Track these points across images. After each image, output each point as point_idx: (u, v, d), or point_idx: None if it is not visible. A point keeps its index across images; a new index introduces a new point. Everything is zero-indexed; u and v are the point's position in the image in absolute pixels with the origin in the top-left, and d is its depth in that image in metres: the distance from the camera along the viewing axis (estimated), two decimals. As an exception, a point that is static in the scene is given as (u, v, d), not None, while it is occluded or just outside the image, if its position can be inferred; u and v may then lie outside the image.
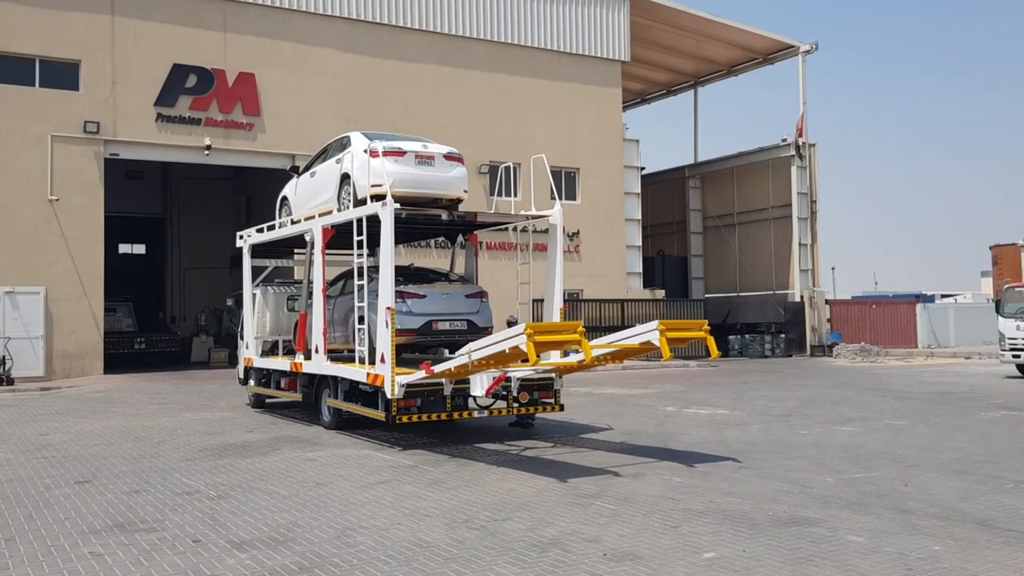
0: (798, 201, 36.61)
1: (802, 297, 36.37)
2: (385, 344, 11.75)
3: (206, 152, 26.54)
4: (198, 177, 37.56)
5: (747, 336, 36.99)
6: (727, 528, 7.48)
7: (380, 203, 12.13)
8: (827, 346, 35.85)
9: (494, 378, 11.64)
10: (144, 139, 25.89)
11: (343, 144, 14.60)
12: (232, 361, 31.48)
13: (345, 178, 13.87)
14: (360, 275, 12.72)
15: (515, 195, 28.96)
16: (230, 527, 7.77)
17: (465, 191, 14.07)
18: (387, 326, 11.77)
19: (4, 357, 22.83)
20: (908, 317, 39.65)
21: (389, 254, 11.95)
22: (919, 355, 34.34)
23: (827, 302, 37.61)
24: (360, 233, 12.58)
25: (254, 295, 17.39)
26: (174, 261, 40.31)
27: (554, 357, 12.48)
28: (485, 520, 7.89)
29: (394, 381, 11.55)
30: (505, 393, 12.50)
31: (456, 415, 12.30)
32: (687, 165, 42.16)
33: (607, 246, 33.28)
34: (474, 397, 12.35)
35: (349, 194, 13.76)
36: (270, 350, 17.59)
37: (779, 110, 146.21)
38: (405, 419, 11.87)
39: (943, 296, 52.84)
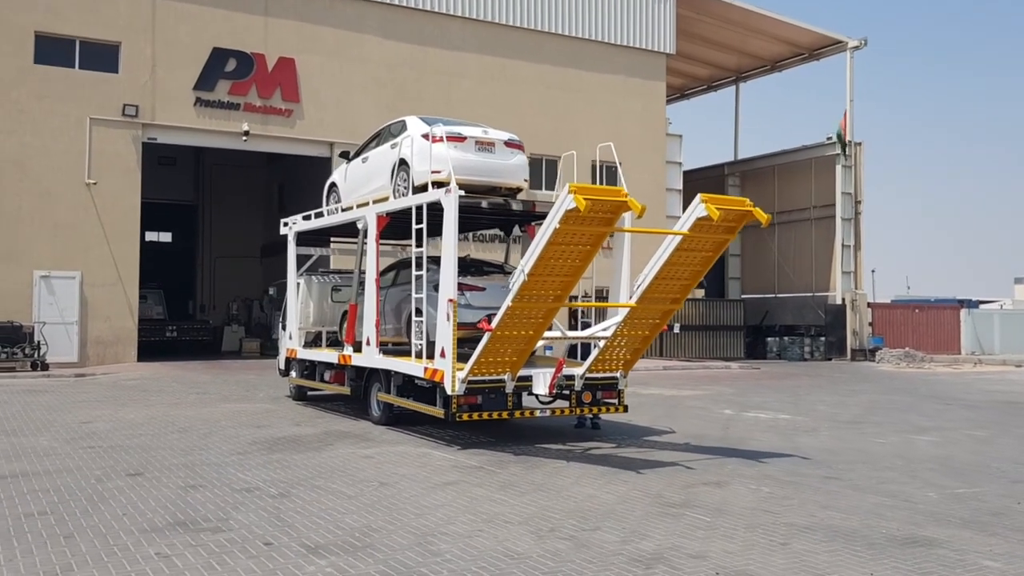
0: (842, 201, 35.77)
1: (844, 300, 35.54)
2: (446, 338, 11.18)
3: (244, 138, 26.10)
4: (230, 164, 37.21)
5: (786, 338, 36.23)
6: (842, 547, 6.87)
7: (443, 190, 11.57)
8: (868, 350, 34.99)
9: (553, 372, 11.21)
10: (182, 123, 25.48)
11: (399, 129, 14.04)
12: (264, 352, 31.13)
13: (401, 164, 13.29)
14: (419, 265, 12.17)
15: (557, 188, 28.44)
16: (300, 529, 7.24)
17: (526, 180, 13.54)
18: (448, 319, 11.21)
19: (39, 342, 22.48)
20: (952, 322, 38.71)
21: (452, 244, 11.37)
22: (965, 362, 33.44)
23: (869, 305, 36.75)
24: (420, 221, 12.02)
25: (298, 284, 16.86)
26: (205, 249, 39.99)
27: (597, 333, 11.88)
28: (573, 529, 7.32)
29: (455, 377, 11.01)
30: (568, 392, 11.93)
31: (517, 414, 11.74)
32: (727, 163, 41.39)
33: (648, 243, 32.53)
34: (536, 395, 11.79)
35: (405, 180, 13.20)
36: (313, 341, 17.09)
37: (818, 108, 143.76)
38: (465, 417, 11.31)
39: (980, 302, 51.64)
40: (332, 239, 18.17)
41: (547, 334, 11.46)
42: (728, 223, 10.54)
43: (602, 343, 11.63)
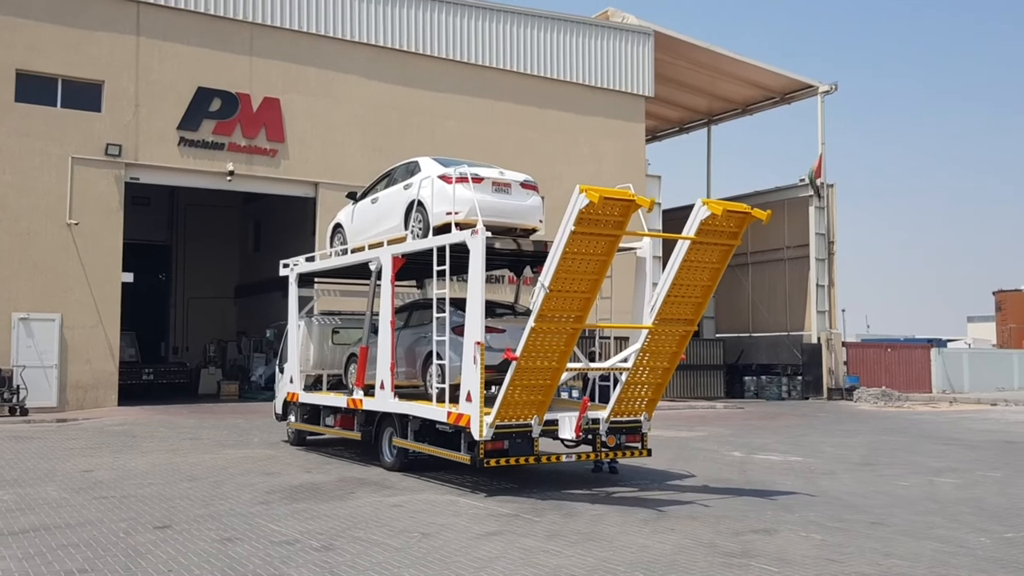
0: (816, 242, 36.26)
1: (819, 339, 35.88)
2: (473, 382, 10.99)
3: (228, 178, 25.73)
4: (205, 203, 36.66)
5: (763, 378, 36.41)
6: (922, 596, 6.77)
7: (469, 231, 11.43)
8: (845, 389, 35.27)
9: (577, 415, 11.15)
10: (165, 163, 25.04)
11: (410, 170, 13.93)
12: (243, 395, 30.48)
13: (418, 205, 13.15)
14: (440, 307, 11.99)
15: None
16: (361, 586, 6.97)
17: (541, 220, 13.46)
18: (475, 362, 11.03)
19: (18, 386, 21.74)
20: (922, 361, 39.25)
21: (479, 286, 11.21)
22: (941, 400, 33.83)
23: (843, 344, 37.13)
24: (441, 263, 11.86)
25: (298, 327, 16.52)
26: (178, 290, 39.22)
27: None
28: (643, 581, 7.14)
29: (482, 421, 10.80)
30: (592, 437, 11.78)
31: (544, 459, 11.56)
32: (700, 203, 41.74)
33: (630, 283, 32.59)
34: (562, 439, 11.63)
35: (420, 222, 13.06)
36: (312, 385, 16.74)
37: (790, 149, 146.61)
38: (493, 463, 11.09)
39: (948, 341, 52.57)
40: (316, 280, 17.71)
41: (570, 365, 11.38)
42: (731, 228, 10.85)
43: (624, 377, 11.58)
